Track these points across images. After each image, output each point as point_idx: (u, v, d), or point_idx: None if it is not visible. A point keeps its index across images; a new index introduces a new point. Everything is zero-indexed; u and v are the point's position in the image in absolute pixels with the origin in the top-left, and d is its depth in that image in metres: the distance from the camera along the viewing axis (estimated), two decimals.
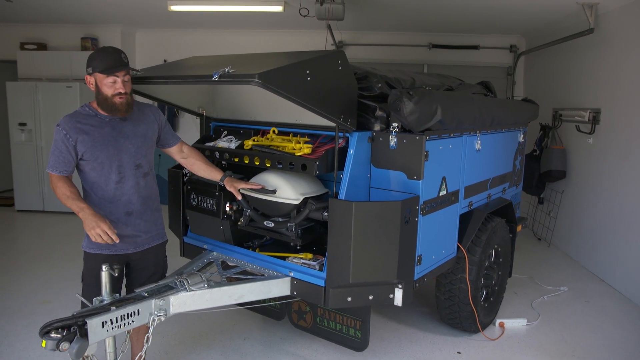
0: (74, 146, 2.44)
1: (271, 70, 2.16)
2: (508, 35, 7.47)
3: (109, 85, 2.43)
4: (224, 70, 2.22)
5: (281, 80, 2.20)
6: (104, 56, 2.43)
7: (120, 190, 2.56)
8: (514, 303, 4.37)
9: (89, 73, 2.45)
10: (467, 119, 3.09)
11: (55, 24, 7.60)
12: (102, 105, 2.48)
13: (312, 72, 2.35)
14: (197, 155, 2.96)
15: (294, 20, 6.17)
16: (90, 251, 2.59)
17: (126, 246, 2.64)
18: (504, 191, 4.05)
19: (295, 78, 2.29)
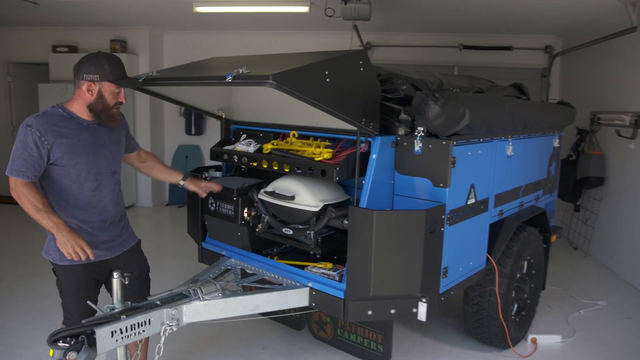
0: (48, 150, 2.26)
1: (286, 71, 2.04)
2: (543, 36, 7.19)
3: (114, 95, 2.37)
4: (237, 71, 2.12)
5: (297, 81, 2.08)
6: (115, 66, 2.35)
7: (96, 198, 2.45)
8: (548, 317, 4.14)
9: (94, 80, 2.31)
10: (498, 123, 2.91)
11: (85, 27, 7.70)
12: (99, 114, 2.36)
13: (331, 73, 2.23)
14: (154, 159, 2.94)
15: (320, 21, 6.07)
16: (66, 264, 2.42)
17: (103, 253, 2.52)
18: (538, 199, 3.84)
19: (312, 79, 2.17)
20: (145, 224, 7.31)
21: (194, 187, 2.97)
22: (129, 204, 7.83)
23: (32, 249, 5.59)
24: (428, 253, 2.45)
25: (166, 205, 8.15)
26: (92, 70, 2.31)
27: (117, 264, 2.55)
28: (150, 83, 2.59)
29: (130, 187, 7.82)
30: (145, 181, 7.92)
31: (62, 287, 2.50)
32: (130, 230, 2.70)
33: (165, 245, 5.97)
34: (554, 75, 7.31)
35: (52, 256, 2.46)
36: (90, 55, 2.37)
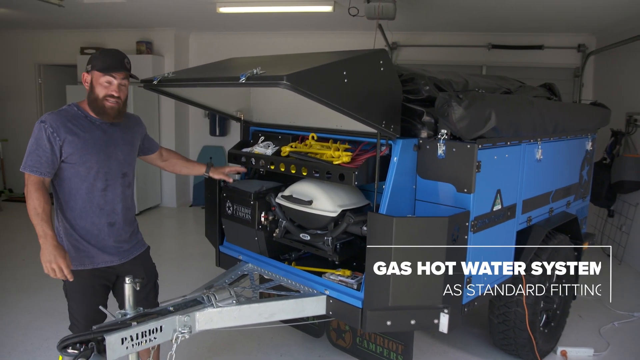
0: (60, 146, 2.24)
1: (301, 71, 1.96)
2: (576, 34, 6.92)
3: (104, 85, 2.29)
4: (252, 72, 2.04)
5: (313, 82, 2.00)
6: (106, 56, 2.31)
7: (104, 199, 2.40)
8: (579, 329, 3.95)
9: (87, 71, 2.32)
10: (526, 125, 2.77)
11: (112, 29, 7.79)
12: (91, 105, 2.33)
13: (349, 73, 2.14)
14: (175, 155, 2.95)
15: (344, 21, 5.97)
16: (72, 268, 2.32)
17: (110, 258, 2.47)
18: (569, 204, 3.66)
19: (329, 80, 2.08)
20: (168, 225, 7.35)
21: (218, 175, 3.00)
22: (154, 205, 7.89)
23: None
24: (450, 262, 2.34)
25: (190, 206, 8.18)
26: (89, 61, 2.32)
27: (124, 271, 2.51)
28: (164, 85, 2.54)
29: (154, 187, 7.88)
30: (170, 182, 7.96)
31: (68, 292, 2.46)
32: (139, 237, 2.65)
33: (187, 247, 5.97)
34: (587, 75, 7.03)
35: None
36: (95, 51, 2.39)
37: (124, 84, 2.35)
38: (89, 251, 2.41)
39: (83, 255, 2.40)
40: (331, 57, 2.27)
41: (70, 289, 2.45)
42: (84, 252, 2.40)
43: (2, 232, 6.43)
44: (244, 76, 2.04)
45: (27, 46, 8.33)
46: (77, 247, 2.39)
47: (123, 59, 2.34)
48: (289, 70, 1.98)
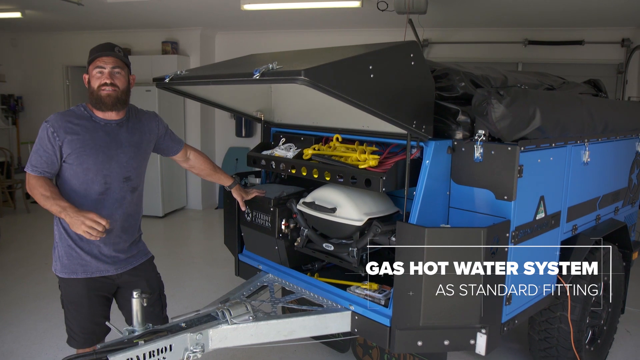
0: (60, 147, 2.15)
1: (321, 65, 1.76)
2: (619, 28, 6.51)
3: (97, 76, 2.20)
4: (267, 67, 1.85)
5: (335, 77, 1.79)
6: (94, 49, 2.24)
7: (102, 203, 2.25)
8: (628, 345, 3.63)
9: (86, 71, 2.25)
10: (574, 125, 2.50)
11: (138, 29, 7.75)
12: (91, 101, 2.23)
13: (375, 67, 1.92)
14: (202, 159, 2.73)
15: (373, 17, 5.75)
16: (66, 276, 2.28)
17: (105, 267, 2.31)
18: (617, 211, 3.35)
19: (353, 75, 1.87)
20: (194, 227, 7.25)
21: (237, 196, 2.82)
22: (179, 207, 7.81)
23: None
24: (489, 277, 2.10)
25: (216, 208, 8.07)
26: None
27: (123, 282, 2.38)
28: (177, 83, 2.37)
29: (180, 189, 7.80)
30: (196, 184, 7.87)
31: (63, 303, 2.35)
32: (141, 247, 2.48)
33: (212, 252, 5.80)
34: (632, 71, 6.61)
35: (54, 267, 2.32)
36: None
37: (117, 72, 2.22)
38: (83, 258, 2.27)
39: (76, 263, 2.27)
40: (356, 50, 2.06)
41: (65, 300, 2.34)
42: (77, 259, 2.27)
43: (29, 234, 6.43)
44: (258, 72, 1.85)
45: (55, 48, 8.38)
46: (70, 254, 2.27)
47: (112, 47, 2.24)
48: (307, 64, 1.78)
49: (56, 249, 2.30)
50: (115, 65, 2.21)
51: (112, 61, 2.20)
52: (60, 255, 2.28)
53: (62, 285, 2.33)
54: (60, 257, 2.28)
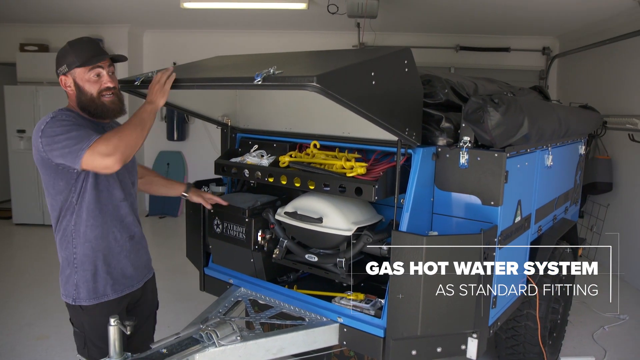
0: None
1: (331, 71, 1.67)
2: (541, 37, 6.98)
3: (93, 80, 1.96)
4: (268, 72, 1.73)
5: (344, 84, 1.71)
6: (80, 47, 1.97)
7: (125, 210, 2.09)
8: (572, 335, 3.85)
9: (64, 72, 1.96)
10: (549, 131, 2.60)
11: (58, 24, 7.12)
12: (89, 108, 1.98)
13: (377, 74, 1.87)
14: (152, 172, 2.58)
15: (318, 20, 5.71)
16: (96, 302, 2.03)
17: (131, 282, 2.14)
18: (566, 210, 3.55)
19: (359, 82, 1.80)
20: None
21: (197, 198, 2.64)
22: None
23: None
24: (483, 282, 2.12)
25: (146, 216, 7.63)
26: (60, 61, 1.98)
27: (138, 297, 2.22)
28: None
29: None
30: None
31: (88, 339, 2.05)
32: (149, 256, 2.31)
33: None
34: (552, 77, 7.11)
35: (75, 296, 2.02)
36: (60, 49, 2.01)
37: (112, 72, 2.03)
38: (113, 275, 2.07)
39: (104, 284, 2.04)
40: (354, 56, 1.99)
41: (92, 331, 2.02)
42: (104, 280, 2.04)
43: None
44: (260, 76, 1.72)
45: None
46: (96, 277, 2.03)
47: (99, 45, 2.04)
48: (313, 70, 1.68)
49: (74, 275, 2.01)
50: (109, 64, 2.01)
51: (107, 61, 2.00)
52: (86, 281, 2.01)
53: (89, 316, 2.03)
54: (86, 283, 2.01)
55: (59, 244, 2.03)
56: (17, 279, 4.96)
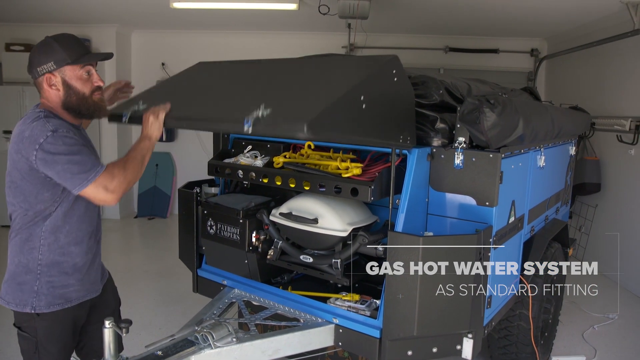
0: None
1: (321, 113, 1.64)
2: (529, 39, 7.05)
3: (84, 79, 1.89)
4: (257, 115, 1.70)
5: (334, 122, 1.72)
6: (69, 44, 1.87)
7: (96, 215, 2.07)
8: (563, 335, 3.89)
9: (50, 70, 1.84)
10: (542, 132, 2.62)
11: (44, 24, 7.02)
12: (78, 107, 1.90)
13: (366, 96, 1.85)
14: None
15: (308, 21, 5.70)
16: (53, 309, 1.91)
17: (95, 287, 2.08)
18: (557, 211, 3.59)
19: (349, 112, 1.80)
20: (114, 239, 6.72)
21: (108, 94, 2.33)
22: None
23: None
24: (476, 282, 2.13)
25: (135, 217, 7.56)
26: (44, 59, 1.85)
27: (97, 301, 2.12)
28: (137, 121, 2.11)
29: None
30: None
31: (40, 344, 1.92)
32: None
33: (140, 264, 5.42)
34: (540, 79, 7.18)
35: (33, 304, 1.89)
36: (38, 45, 1.90)
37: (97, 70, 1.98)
38: (78, 283, 1.98)
39: (70, 290, 1.95)
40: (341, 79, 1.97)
41: (45, 340, 1.91)
42: (69, 286, 1.95)
43: None
44: (249, 123, 1.70)
45: None
46: (62, 284, 1.93)
47: (83, 43, 1.96)
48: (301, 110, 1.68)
49: (35, 282, 1.89)
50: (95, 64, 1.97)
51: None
52: (48, 291, 1.90)
53: (43, 325, 1.91)
54: (49, 292, 1.90)
55: (19, 249, 1.90)
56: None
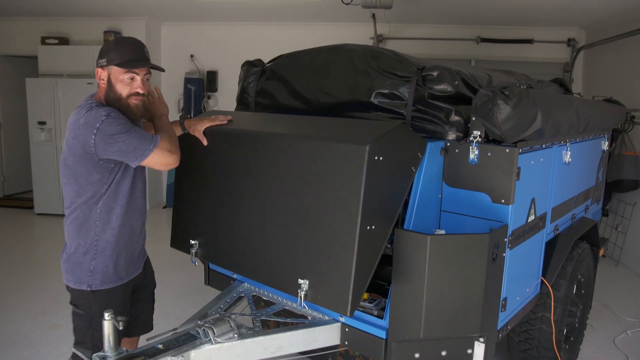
0: None
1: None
2: (566, 28, 6.76)
3: (126, 82, 2.02)
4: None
5: None
6: (125, 47, 2.03)
7: (142, 198, 2.22)
8: (593, 340, 3.71)
9: (102, 65, 2.03)
10: (565, 125, 2.47)
11: (77, 17, 7.21)
12: (113, 105, 2.03)
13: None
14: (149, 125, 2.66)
15: (333, 11, 5.62)
16: (107, 287, 2.12)
17: (138, 264, 2.30)
18: (587, 209, 3.40)
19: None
20: None
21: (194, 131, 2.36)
22: None
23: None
24: (489, 285, 2.02)
25: (163, 207, 7.68)
26: (102, 54, 2.05)
27: (140, 279, 2.34)
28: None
29: None
30: None
31: (94, 321, 2.09)
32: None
33: (164, 255, 5.44)
34: (577, 70, 6.87)
35: (90, 282, 2.10)
36: (107, 41, 2.15)
37: (147, 78, 2.10)
38: (127, 261, 2.19)
39: (120, 269, 2.16)
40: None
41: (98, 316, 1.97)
42: (120, 265, 2.16)
43: None
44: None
45: None
46: (114, 262, 2.14)
47: (143, 49, 2.08)
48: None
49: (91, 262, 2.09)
50: (147, 71, 2.08)
51: (145, 69, 2.07)
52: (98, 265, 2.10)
53: (96, 301, 2.10)
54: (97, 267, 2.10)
55: (76, 231, 2.09)
56: (36, 268, 5.03)
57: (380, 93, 2.35)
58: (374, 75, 2.37)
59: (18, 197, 8.04)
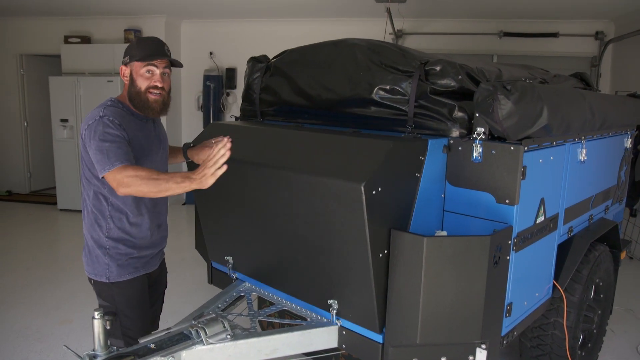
0: (128, 141, 1.98)
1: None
2: (593, 21, 6.49)
3: (145, 76, 2.07)
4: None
5: None
6: (144, 44, 2.11)
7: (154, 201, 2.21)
8: (613, 346, 3.55)
9: (125, 63, 2.11)
10: (577, 122, 2.34)
11: (99, 16, 7.31)
12: (134, 100, 2.09)
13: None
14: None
15: (348, 7, 5.53)
16: (125, 278, 2.16)
17: (154, 262, 2.32)
18: (607, 210, 3.25)
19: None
20: None
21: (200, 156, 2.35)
22: None
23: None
24: (491, 289, 1.92)
25: (183, 204, 7.74)
26: (126, 53, 2.13)
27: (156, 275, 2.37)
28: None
29: None
30: None
31: (120, 310, 2.16)
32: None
33: (178, 251, 5.50)
34: (605, 64, 6.61)
35: (107, 274, 2.14)
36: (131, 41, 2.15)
37: (166, 73, 2.12)
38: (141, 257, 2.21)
39: (134, 262, 2.19)
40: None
41: (124, 305, 2.15)
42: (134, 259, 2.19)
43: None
44: None
45: (8, 35, 7.84)
46: (127, 257, 2.16)
47: (163, 46, 2.12)
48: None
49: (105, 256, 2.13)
50: (165, 65, 2.10)
51: (164, 62, 2.09)
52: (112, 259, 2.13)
53: (119, 291, 2.15)
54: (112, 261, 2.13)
55: (91, 227, 2.13)
56: (55, 263, 5.11)
57: (381, 88, 2.27)
58: (376, 70, 2.30)
59: (43, 193, 8.22)
